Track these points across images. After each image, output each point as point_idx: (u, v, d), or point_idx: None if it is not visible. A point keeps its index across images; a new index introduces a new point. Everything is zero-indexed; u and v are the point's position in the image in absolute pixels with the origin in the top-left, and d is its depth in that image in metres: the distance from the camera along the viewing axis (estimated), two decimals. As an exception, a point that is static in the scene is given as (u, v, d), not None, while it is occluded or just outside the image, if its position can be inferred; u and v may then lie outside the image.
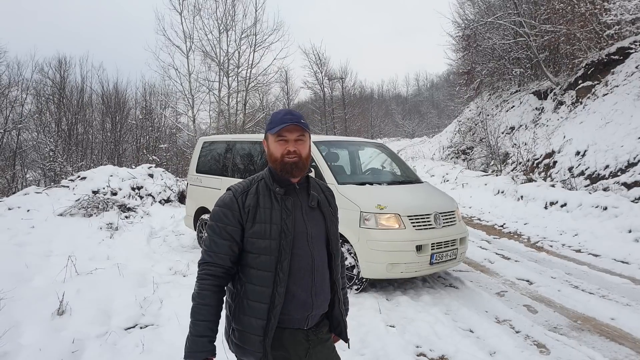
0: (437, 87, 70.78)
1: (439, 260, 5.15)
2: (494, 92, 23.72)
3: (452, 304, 4.89)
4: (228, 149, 7.02)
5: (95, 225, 8.42)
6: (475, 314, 4.60)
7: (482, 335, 4.13)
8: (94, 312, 4.31)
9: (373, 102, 59.54)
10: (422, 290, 5.38)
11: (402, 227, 4.98)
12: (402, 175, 6.26)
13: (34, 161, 23.20)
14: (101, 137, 26.39)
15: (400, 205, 5.13)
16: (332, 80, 42.59)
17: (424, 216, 5.17)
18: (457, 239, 5.41)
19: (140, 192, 11.89)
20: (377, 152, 6.69)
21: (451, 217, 5.52)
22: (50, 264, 5.85)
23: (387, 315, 4.50)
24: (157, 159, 21.01)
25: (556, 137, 14.69)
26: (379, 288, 5.43)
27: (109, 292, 4.82)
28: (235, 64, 23.73)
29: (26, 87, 24.51)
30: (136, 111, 28.69)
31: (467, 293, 5.35)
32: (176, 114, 26.30)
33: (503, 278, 6.09)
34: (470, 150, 21.75)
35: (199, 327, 1.82)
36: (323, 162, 5.53)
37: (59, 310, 4.26)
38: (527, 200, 11.48)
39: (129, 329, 4.14)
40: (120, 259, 6.23)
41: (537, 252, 7.58)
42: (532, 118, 18.14)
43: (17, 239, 7.04)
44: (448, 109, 42.89)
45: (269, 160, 1.91)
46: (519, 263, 6.89)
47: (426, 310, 4.64)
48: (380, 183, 5.65)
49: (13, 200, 10.13)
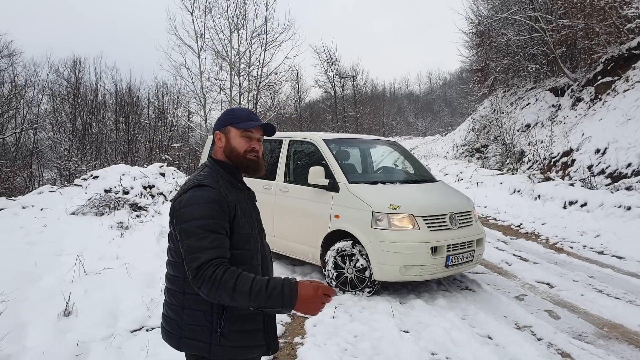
0: (450, 85, 70.13)
1: (455, 263, 4.97)
2: (508, 89, 23.32)
3: (469, 309, 4.70)
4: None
5: (106, 224, 8.37)
6: (493, 319, 4.41)
7: (501, 343, 3.94)
8: (100, 313, 4.22)
9: (385, 100, 59.18)
10: (437, 294, 5.20)
11: (416, 228, 4.80)
12: (416, 173, 6.08)
13: (50, 160, 23.41)
14: (115, 137, 26.54)
15: (414, 205, 4.95)
16: (343, 79, 42.42)
17: (439, 216, 4.98)
18: (474, 240, 5.21)
19: (151, 191, 11.84)
20: (390, 150, 6.51)
21: (467, 217, 5.33)
22: (60, 263, 5.79)
23: (400, 319, 4.33)
24: (170, 158, 21.03)
25: (574, 135, 14.38)
26: (392, 291, 5.26)
27: (116, 293, 4.73)
28: (247, 63, 23.66)
29: (42, 87, 24.77)
30: (149, 111, 28.79)
31: (485, 297, 5.15)
32: (188, 113, 26.30)
33: (522, 281, 5.88)
34: (485, 149, 21.40)
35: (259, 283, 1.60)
36: (333, 160, 5.37)
37: (66, 311, 4.17)
38: (544, 199, 11.21)
39: (135, 332, 4.04)
40: (129, 259, 6.14)
41: (557, 254, 7.34)
42: (548, 115, 17.77)
43: (29, 237, 7.00)
44: (461, 107, 42.43)
45: (227, 154, 1.90)
46: (538, 265, 6.66)
47: (442, 315, 4.47)
48: (393, 182, 5.48)
49: (27, 199, 10.15)
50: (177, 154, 23.40)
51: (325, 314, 4.43)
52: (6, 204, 9.44)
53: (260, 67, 23.94)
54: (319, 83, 41.84)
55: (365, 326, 4.13)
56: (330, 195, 5.20)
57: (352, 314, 4.47)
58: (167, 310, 1.86)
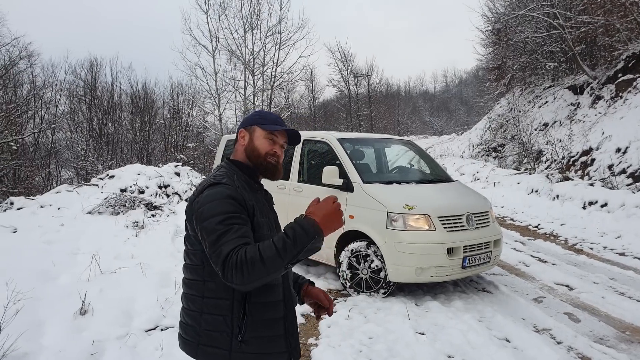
0: (465, 84, 69.44)
1: (472, 264, 4.89)
2: (525, 87, 22.99)
3: (486, 310, 4.62)
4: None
5: (121, 224, 8.44)
6: (511, 322, 4.32)
7: (519, 346, 3.86)
8: (115, 312, 4.24)
9: (400, 99, 58.80)
10: (454, 295, 5.13)
11: (432, 229, 4.73)
12: (432, 173, 6.00)
13: (67, 160, 23.74)
14: (130, 137, 26.82)
15: (430, 205, 4.88)
16: (357, 78, 42.25)
17: (456, 217, 4.90)
18: (491, 241, 5.12)
19: (166, 191, 11.92)
20: (405, 149, 6.44)
21: (484, 217, 5.24)
22: (76, 262, 5.84)
23: (416, 321, 4.27)
24: (185, 158, 21.18)
25: (594, 134, 14.13)
26: (407, 292, 5.20)
27: (131, 292, 4.75)
28: (261, 63, 23.72)
29: (60, 88, 25.14)
30: (164, 111, 29.05)
31: (502, 298, 5.06)
32: (203, 113, 26.47)
33: (540, 283, 5.77)
34: (502, 148, 21.12)
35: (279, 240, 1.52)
36: (347, 160, 5.32)
37: (82, 310, 4.20)
38: (563, 199, 11.02)
39: (150, 331, 4.04)
40: (144, 258, 6.17)
41: (577, 255, 7.19)
42: (567, 114, 17.48)
43: (47, 236, 7.09)
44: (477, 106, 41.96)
45: (248, 153, 1.85)
46: (556, 266, 6.53)
47: (458, 317, 4.39)
48: (408, 182, 5.41)
49: (45, 198, 10.29)
50: (192, 153, 23.56)
51: (340, 315, 4.39)
52: (25, 203, 9.59)
53: (275, 66, 24.00)
54: (333, 82, 41.76)
55: (380, 328, 4.08)
56: (345, 195, 5.15)
57: (367, 315, 4.42)
58: (185, 316, 1.78)
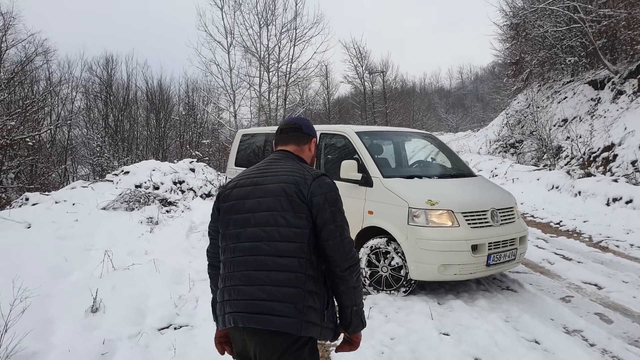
0: (481, 80, 68.68)
1: (497, 262, 4.67)
2: (544, 82, 22.51)
3: (512, 310, 4.40)
4: (267, 141, 6.74)
5: (135, 219, 8.37)
6: (539, 322, 4.10)
7: (550, 348, 3.64)
8: (127, 310, 4.13)
9: (415, 95, 58.28)
10: (477, 294, 4.92)
11: (455, 225, 4.53)
12: (454, 168, 5.77)
13: (83, 156, 23.92)
14: (146, 133, 26.93)
15: (453, 200, 4.68)
16: (372, 74, 41.93)
17: (480, 213, 4.69)
18: (517, 238, 4.90)
19: (181, 187, 11.87)
20: (425, 143, 6.22)
21: (510, 213, 5.02)
22: (89, 258, 5.76)
23: (439, 321, 4.08)
24: (200, 154, 21.16)
25: (616, 129, 13.76)
26: (429, 291, 5.00)
27: (144, 289, 4.64)
28: (276, 59, 23.59)
29: (76, 85, 25.30)
30: (179, 107, 29.12)
31: (528, 298, 4.84)
32: (218, 109, 26.45)
33: (567, 281, 5.53)
34: (520, 144, 20.72)
35: None
36: (367, 153, 5.13)
37: (93, 308, 4.10)
38: (585, 196, 10.70)
39: (163, 330, 3.92)
40: (158, 254, 6.07)
41: (602, 253, 6.92)
42: (587, 109, 17.06)
43: (61, 232, 7.04)
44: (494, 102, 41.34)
45: (311, 161, 2.10)
46: (582, 265, 6.28)
47: (483, 317, 4.19)
48: (430, 176, 5.20)
49: (60, 194, 10.31)
50: (207, 150, 23.54)
51: (359, 314, 4.21)
52: (40, 198, 9.59)
53: (290, 62, 23.85)
54: (348, 79, 41.49)
55: (402, 328, 3.90)
56: (364, 190, 4.97)
57: (388, 315, 4.24)
58: (285, 296, 1.71)
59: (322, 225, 1.78)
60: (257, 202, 1.81)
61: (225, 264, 1.83)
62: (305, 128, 2.07)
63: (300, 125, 2.07)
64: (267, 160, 2.01)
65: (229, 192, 1.92)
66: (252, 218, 1.80)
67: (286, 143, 2.05)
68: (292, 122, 2.09)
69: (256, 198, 1.83)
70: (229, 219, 1.87)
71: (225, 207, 1.89)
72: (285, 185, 1.80)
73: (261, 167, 1.96)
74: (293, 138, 2.05)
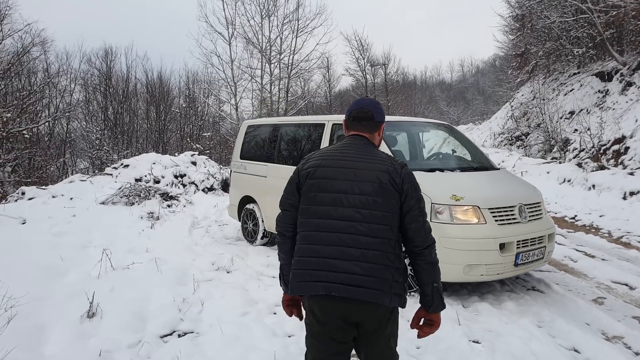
0: (482, 73, 68.24)
1: (525, 261, 4.33)
2: (549, 74, 22.12)
3: (543, 314, 4.07)
4: (275, 132, 6.38)
5: (136, 215, 8.04)
6: (575, 328, 3.77)
7: (592, 358, 3.31)
8: (127, 314, 3.79)
9: (416, 88, 57.84)
10: (503, 295, 4.58)
11: (481, 222, 4.18)
12: (475, 160, 5.39)
13: (83, 150, 23.57)
14: (146, 126, 26.54)
15: (479, 195, 4.33)
16: (374, 67, 41.50)
17: (507, 209, 4.34)
18: (545, 235, 4.56)
19: (183, 180, 11.53)
20: (443, 133, 5.85)
21: (537, 209, 4.68)
22: (87, 256, 5.43)
23: (467, 327, 3.74)
24: (201, 147, 20.81)
25: (626, 121, 13.45)
26: (451, 292, 4.66)
27: (145, 291, 4.30)
28: (277, 51, 23.17)
29: (74, 77, 24.86)
30: (180, 100, 28.70)
31: (557, 299, 4.50)
32: (219, 102, 26.05)
33: (595, 281, 5.19)
34: (525, 137, 20.37)
35: None
36: (384, 145, 4.77)
37: (89, 313, 3.75)
38: (600, 189, 10.36)
39: (165, 337, 3.58)
40: (159, 252, 5.74)
41: (626, 250, 6.59)
42: (594, 102, 16.74)
43: (57, 228, 6.71)
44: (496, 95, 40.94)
45: (379, 144, 2.23)
46: (607, 262, 5.95)
47: (514, 322, 3.85)
48: (452, 169, 4.83)
49: (58, 188, 9.97)
50: (208, 143, 23.19)
51: (379, 318, 3.88)
52: (36, 192, 9.25)
53: (292, 54, 23.46)
54: (350, 71, 41.05)
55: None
56: (380, 184, 4.62)
57: (410, 319, 3.89)
58: (375, 271, 1.92)
59: (407, 210, 1.97)
60: (349, 184, 1.97)
61: (309, 236, 1.99)
62: (377, 116, 2.19)
63: (372, 115, 2.17)
64: (347, 144, 2.13)
65: (313, 171, 2.04)
66: (344, 199, 1.96)
67: (360, 130, 2.17)
68: (365, 109, 2.18)
69: (347, 180, 1.98)
70: (314, 196, 2.00)
71: (311, 184, 2.02)
72: (379, 174, 1.98)
73: (344, 151, 2.09)
74: (367, 126, 2.17)
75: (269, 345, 3.34)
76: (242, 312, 3.95)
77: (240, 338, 3.46)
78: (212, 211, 9.19)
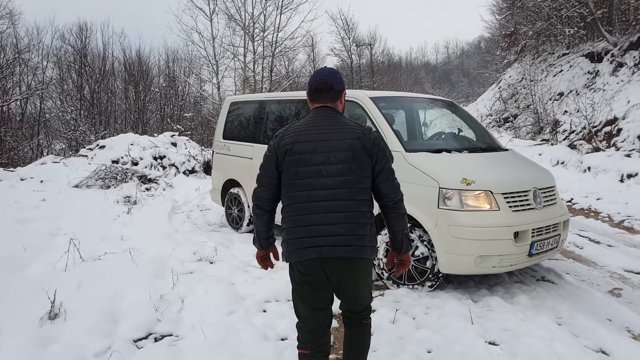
0: (467, 55, 68.17)
1: (540, 251, 3.95)
2: (538, 55, 21.82)
3: (560, 309, 3.69)
4: (261, 110, 5.86)
5: (111, 199, 7.48)
6: (598, 325, 3.40)
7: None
8: (96, 315, 3.30)
9: (401, 70, 57.35)
10: (513, 287, 4.21)
11: (494, 208, 3.77)
12: (481, 140, 4.94)
13: (58, 130, 22.62)
14: (124, 106, 25.57)
15: (491, 179, 3.90)
16: (360, 47, 40.84)
17: (522, 194, 3.94)
18: (560, 222, 4.18)
19: (162, 162, 10.94)
20: (447, 111, 5.39)
21: (551, 194, 4.29)
22: (54, 245, 4.90)
23: (481, 326, 3.34)
24: (182, 128, 20.08)
25: (618, 102, 13.25)
26: (457, 284, 4.27)
27: (117, 286, 3.81)
28: (261, 28, 22.37)
29: (47, 53, 23.67)
30: (159, 79, 27.71)
31: (571, 291, 4.14)
32: (200, 81, 25.21)
33: (606, 269, 4.86)
34: (514, 118, 20.12)
35: None
36: (385, 123, 4.29)
37: (51, 313, 3.26)
38: (595, 172, 10.13)
39: (140, 341, 3.11)
40: (136, 240, 5.24)
41: (631, 235, 6.31)
42: (584, 83, 16.52)
43: (23, 214, 6.14)
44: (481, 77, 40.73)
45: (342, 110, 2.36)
46: (614, 249, 5.64)
47: (530, 319, 3.47)
48: (459, 150, 4.39)
49: (27, 170, 9.31)
50: (189, 124, 22.45)
51: (382, 316, 3.47)
52: (3, 175, 8.60)
53: (276, 32, 22.67)
54: (335, 51, 40.30)
55: (439, 335, 3.16)
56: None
57: (416, 317, 3.50)
58: (356, 230, 2.09)
59: (379, 170, 2.15)
60: (325, 156, 2.10)
61: (297, 208, 2.11)
62: (337, 85, 2.27)
63: (332, 85, 2.25)
64: (316, 117, 2.23)
65: (290, 147, 2.13)
66: (323, 170, 2.09)
67: (323, 101, 2.26)
68: (324, 80, 2.25)
69: (323, 152, 2.10)
70: (295, 171, 2.12)
71: (290, 160, 2.12)
72: (351, 141, 2.11)
73: (316, 124, 2.19)
74: (328, 97, 2.26)
75: (259, 352, 2.91)
76: (228, 310, 3.50)
77: (226, 342, 3.02)
78: (193, 195, 8.68)
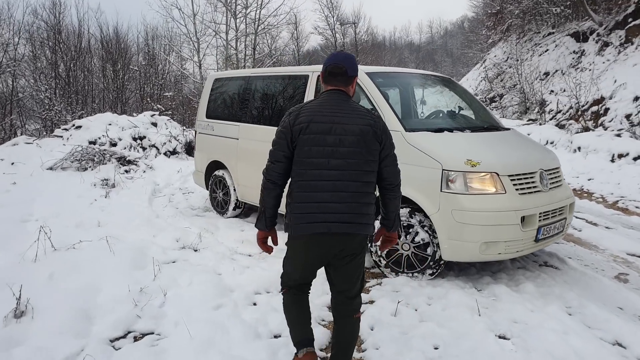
0: (451, 35, 67.98)
1: (546, 235, 3.73)
2: (523, 35, 21.63)
3: (569, 297, 3.49)
4: (248, 87, 5.49)
5: (88, 182, 7.07)
6: (611, 314, 3.20)
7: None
8: (68, 311, 2.99)
9: (385, 49, 56.87)
10: (517, 274, 4.00)
11: (500, 191, 3.52)
12: (481, 119, 4.68)
13: (31, 110, 21.72)
14: (102, 85, 24.66)
15: (497, 160, 3.64)
16: (344, 25, 40.18)
17: (528, 175, 3.69)
18: (567, 205, 3.97)
19: (142, 143, 10.50)
20: (445, 88, 5.09)
21: (557, 175, 4.06)
22: (24, 233, 4.53)
23: (489, 317, 3.12)
24: (162, 108, 19.46)
25: (604, 82, 13.19)
26: (459, 272, 4.05)
27: (93, 279, 3.49)
28: (244, 4, 21.69)
29: (18, 29, 22.56)
30: (139, 57, 26.77)
31: (577, 277, 3.95)
32: (181, 59, 24.48)
33: (608, 252, 4.70)
34: (500, 98, 19.98)
35: None
36: (382, 100, 3.98)
37: (17, 311, 2.94)
38: (585, 151, 10.04)
39: (117, 341, 2.81)
40: (114, 226, 4.89)
41: (627, 216, 6.18)
42: (569, 62, 16.43)
43: (-9, 199, 5.72)
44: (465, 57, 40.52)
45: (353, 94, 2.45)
46: (613, 231, 5.49)
47: (540, 309, 3.26)
48: (461, 129, 4.11)
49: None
50: (170, 103, 21.80)
51: (383, 308, 3.21)
52: (-30, 157, 8.11)
53: (259, 8, 22.04)
54: (319, 30, 39.61)
55: (444, 329, 2.93)
56: (377, 147, 3.88)
57: (418, 308, 3.25)
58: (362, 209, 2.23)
59: (385, 155, 2.31)
60: (338, 139, 2.21)
61: (307, 185, 2.21)
62: (350, 71, 2.35)
63: (346, 70, 2.34)
64: (329, 100, 2.32)
65: (306, 126, 2.22)
66: (335, 151, 2.20)
67: (336, 84, 2.35)
68: (340, 65, 2.33)
69: (337, 135, 2.21)
70: (309, 149, 2.21)
71: (305, 139, 2.21)
72: (363, 127, 2.24)
73: (331, 107, 2.28)
74: (341, 80, 2.34)
75: (250, 352, 2.63)
76: (215, 304, 3.21)
77: (214, 341, 2.73)
78: (175, 177, 8.31)
